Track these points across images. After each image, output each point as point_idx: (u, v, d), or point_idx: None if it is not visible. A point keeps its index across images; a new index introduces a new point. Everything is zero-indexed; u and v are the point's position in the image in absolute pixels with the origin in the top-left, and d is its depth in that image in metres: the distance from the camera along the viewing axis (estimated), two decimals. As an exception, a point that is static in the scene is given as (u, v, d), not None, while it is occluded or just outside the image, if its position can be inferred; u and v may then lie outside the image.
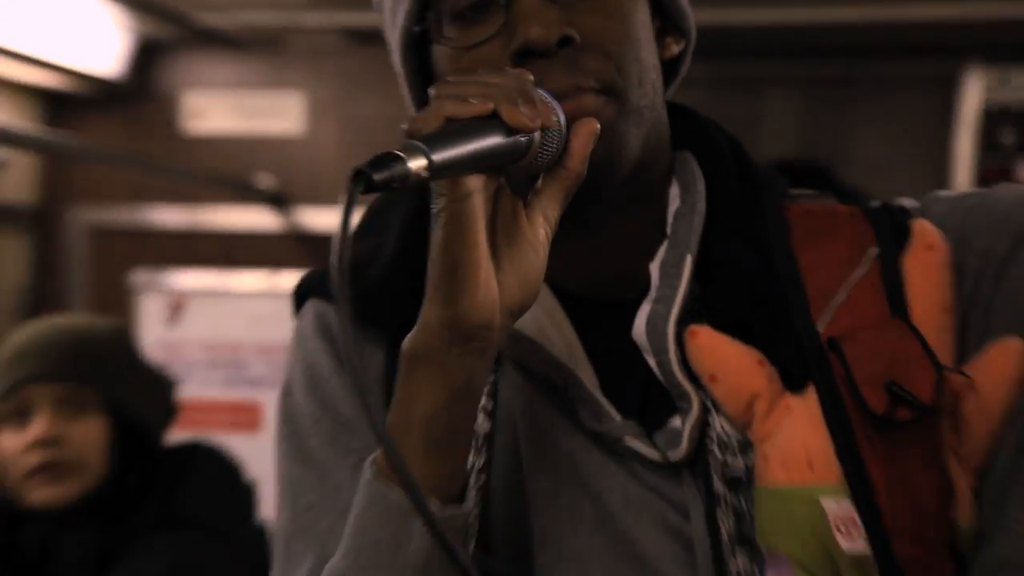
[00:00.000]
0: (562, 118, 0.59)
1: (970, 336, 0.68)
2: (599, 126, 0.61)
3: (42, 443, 1.50)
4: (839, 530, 0.67)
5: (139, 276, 2.71)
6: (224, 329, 2.69)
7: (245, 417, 2.62)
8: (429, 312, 0.60)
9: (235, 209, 2.79)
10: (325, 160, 2.74)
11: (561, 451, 0.75)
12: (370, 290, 0.71)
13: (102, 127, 2.80)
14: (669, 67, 0.75)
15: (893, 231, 0.72)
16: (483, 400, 0.73)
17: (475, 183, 0.57)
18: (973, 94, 2.39)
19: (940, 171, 2.31)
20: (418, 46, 0.70)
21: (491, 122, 0.56)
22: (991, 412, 0.68)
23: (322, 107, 2.75)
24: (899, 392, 0.66)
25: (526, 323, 0.74)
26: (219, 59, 2.80)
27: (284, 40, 2.70)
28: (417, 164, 0.50)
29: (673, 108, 0.76)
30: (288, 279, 2.56)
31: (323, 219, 2.66)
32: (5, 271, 2.78)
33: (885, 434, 0.69)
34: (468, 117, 0.55)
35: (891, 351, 0.68)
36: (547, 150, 0.59)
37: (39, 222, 2.86)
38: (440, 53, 0.68)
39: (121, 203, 2.84)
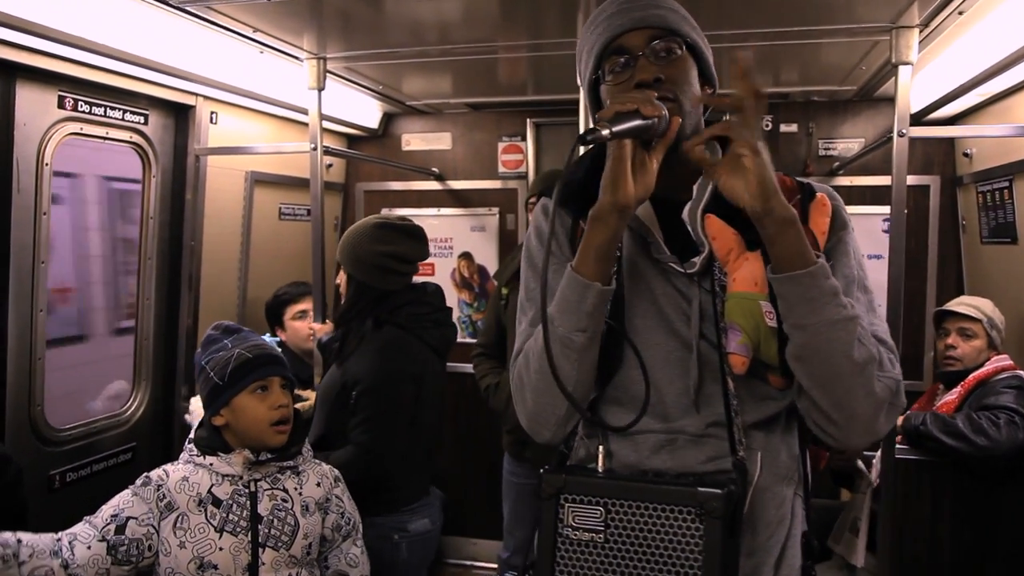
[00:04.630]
0: (666, 114, 1.13)
1: (830, 243, 1.27)
2: (680, 119, 1.17)
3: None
4: (768, 315, 1.20)
5: (384, 211, 4.28)
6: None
7: (424, 268, 4.16)
8: (603, 198, 1.15)
9: (420, 181, 4.34)
10: (456, 161, 4.31)
11: (640, 270, 1.30)
12: (572, 192, 1.30)
13: (370, 148, 4.36)
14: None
15: (809, 192, 1.29)
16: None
17: (626, 142, 1.12)
18: None
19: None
20: (594, 83, 1.31)
21: (636, 114, 1.10)
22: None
23: (456, 138, 4.29)
24: None
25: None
26: (415, 119, 4.33)
27: (441, 110, 4.20)
28: (606, 132, 1.06)
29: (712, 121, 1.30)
30: (442, 212, 4.20)
31: (459, 185, 4.29)
32: (331, 210, 4.20)
33: None
34: (624, 111, 1.10)
35: None
36: (659, 128, 1.13)
37: (345, 190, 4.45)
38: (604, 87, 1.29)
39: (376, 180, 4.43)
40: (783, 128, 3.91)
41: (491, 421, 3.19)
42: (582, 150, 1.29)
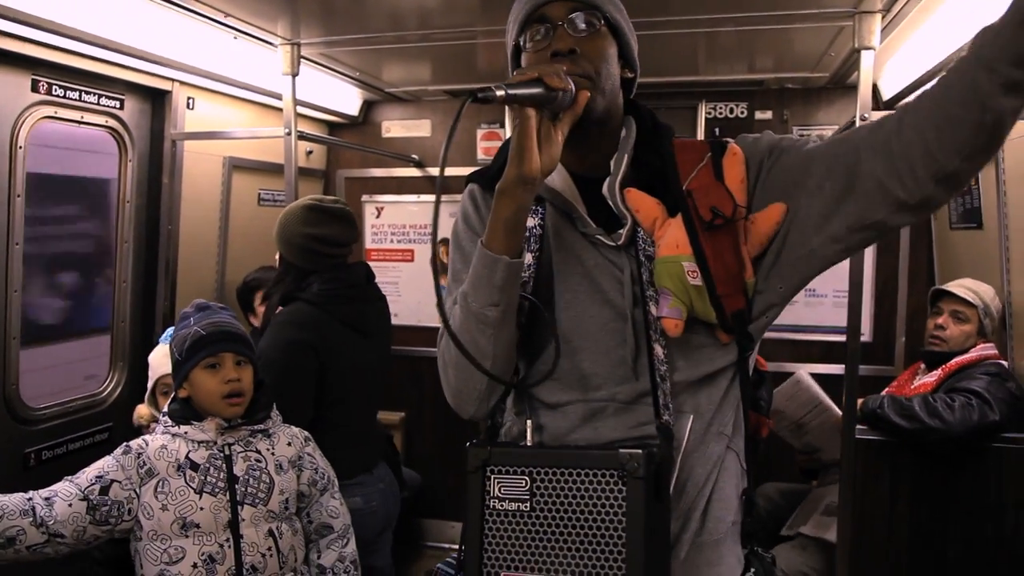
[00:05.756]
0: (572, 87, 1.14)
1: (756, 195, 1.28)
2: (589, 94, 1.18)
3: None
4: (690, 275, 1.23)
5: (365, 197, 4.44)
6: (399, 219, 4.41)
7: (404, 255, 4.43)
8: (508, 171, 1.14)
9: (400, 168, 4.38)
10: (435, 147, 4.34)
11: (568, 244, 1.33)
12: (494, 176, 1.25)
13: (350, 136, 4.39)
14: (630, 83, 1.37)
15: (719, 148, 1.31)
16: (537, 220, 1.31)
17: (531, 112, 1.12)
18: (702, 112, 3.97)
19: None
20: (516, 50, 1.33)
21: (538, 83, 1.11)
22: (763, 232, 1.26)
23: (435, 125, 4.34)
24: (716, 211, 1.23)
25: (557, 185, 1.31)
26: (395, 106, 4.37)
27: (420, 97, 4.24)
28: (500, 92, 1.06)
29: (631, 101, 1.37)
30: (422, 199, 4.24)
31: (437, 171, 4.08)
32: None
33: (711, 232, 1.24)
34: (528, 79, 1.10)
35: (714, 194, 1.26)
36: (564, 101, 1.14)
37: (326, 177, 4.49)
38: (525, 55, 1.30)
39: (357, 167, 4.47)
40: (758, 115, 3.94)
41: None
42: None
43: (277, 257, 2.59)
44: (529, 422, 1.28)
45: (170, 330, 2.37)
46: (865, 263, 2.62)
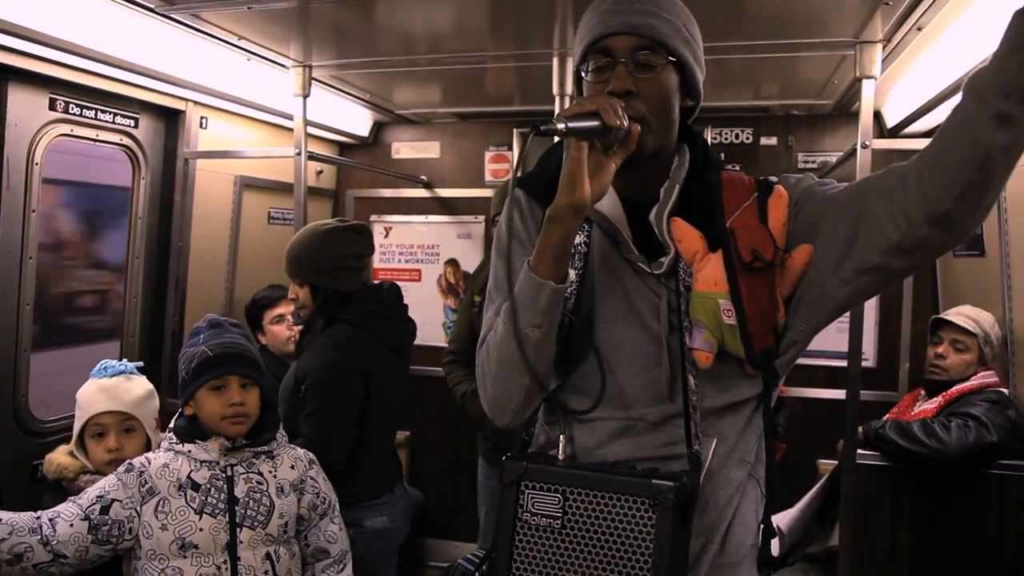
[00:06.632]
0: (626, 125, 1.17)
1: (792, 236, 1.30)
2: (640, 128, 1.21)
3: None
4: (725, 312, 1.26)
5: (373, 217, 4.48)
6: (407, 239, 4.46)
7: (411, 275, 4.44)
8: (559, 198, 1.18)
9: (410, 189, 4.44)
10: (444, 169, 4.40)
11: (611, 266, 1.35)
12: (543, 186, 1.31)
13: (361, 156, 4.46)
14: (691, 110, 1.38)
15: (766, 188, 1.33)
16: (583, 238, 1.34)
17: (584, 144, 1.15)
18: (707, 138, 3.84)
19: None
20: (579, 73, 1.34)
21: (595, 116, 1.13)
22: (793, 273, 1.28)
23: (444, 147, 4.39)
24: (756, 253, 1.25)
25: (605, 209, 1.34)
26: (405, 127, 4.44)
27: (430, 120, 4.33)
28: (561, 126, 1.09)
29: (687, 127, 1.37)
30: (430, 219, 4.31)
31: (447, 193, 4.38)
32: (321, 216, 4.07)
33: (749, 272, 1.26)
34: (586, 111, 1.12)
35: (756, 236, 1.27)
36: (618, 136, 1.17)
37: (335, 196, 4.56)
38: (585, 83, 1.33)
39: (366, 188, 4.54)
40: (763, 141, 3.97)
41: (473, 425, 3.23)
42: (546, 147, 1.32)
43: (301, 293, 2.58)
44: (562, 437, 1.31)
45: (104, 362, 2.35)
46: (868, 289, 2.61)
